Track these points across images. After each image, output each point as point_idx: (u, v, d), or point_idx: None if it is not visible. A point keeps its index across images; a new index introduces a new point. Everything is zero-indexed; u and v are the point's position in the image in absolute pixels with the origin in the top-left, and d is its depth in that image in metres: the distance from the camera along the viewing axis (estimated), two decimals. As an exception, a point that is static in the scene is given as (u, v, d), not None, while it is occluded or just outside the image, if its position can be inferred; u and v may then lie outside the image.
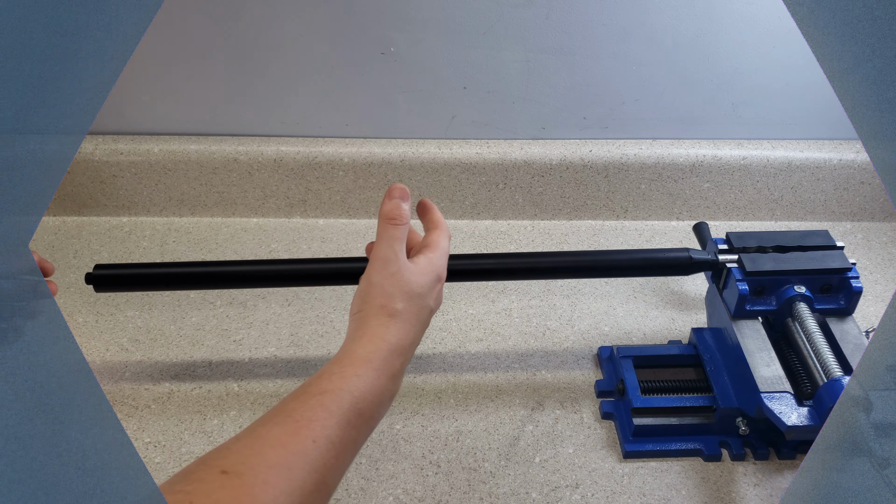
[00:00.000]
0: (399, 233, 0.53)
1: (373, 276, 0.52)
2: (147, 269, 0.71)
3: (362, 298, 0.52)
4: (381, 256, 0.52)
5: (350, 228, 0.99)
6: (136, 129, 0.97)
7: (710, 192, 0.99)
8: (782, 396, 0.63)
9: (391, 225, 0.53)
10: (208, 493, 0.38)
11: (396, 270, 0.51)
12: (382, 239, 0.53)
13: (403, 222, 0.53)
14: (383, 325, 0.50)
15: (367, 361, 0.48)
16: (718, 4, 0.86)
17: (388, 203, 0.53)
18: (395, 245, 0.52)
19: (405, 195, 0.54)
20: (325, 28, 0.88)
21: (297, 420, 0.43)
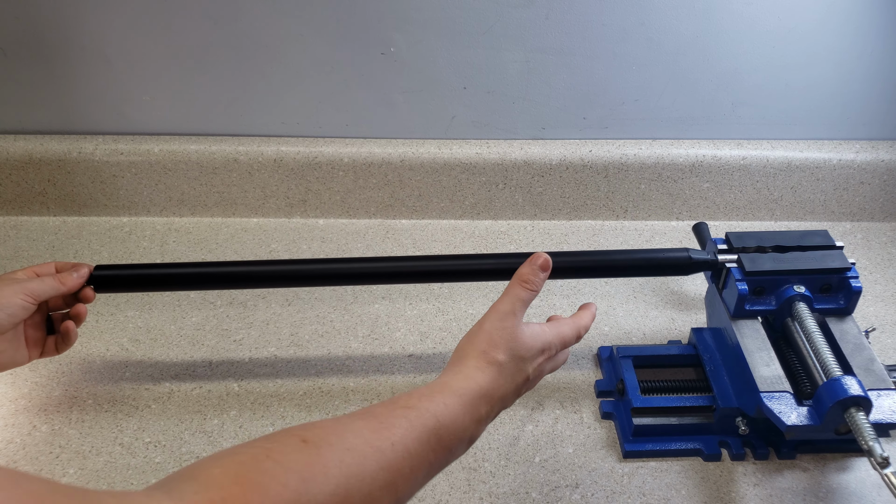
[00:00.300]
0: (526, 295, 0.55)
1: (485, 323, 0.53)
2: (147, 269, 0.71)
3: (469, 339, 0.53)
4: (500, 308, 0.54)
5: (350, 228, 0.99)
6: (136, 129, 0.97)
7: (709, 192, 0.99)
8: (782, 396, 0.63)
9: (521, 286, 0.55)
10: (286, 452, 0.40)
11: (509, 325, 0.53)
12: (508, 295, 0.55)
13: (534, 288, 0.55)
14: (480, 368, 0.51)
15: (457, 395, 0.49)
16: (718, 4, 0.86)
17: (528, 267, 0.56)
18: (518, 305, 0.54)
19: (546, 266, 0.57)
20: (325, 28, 0.88)
21: (381, 421, 0.45)
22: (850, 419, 0.58)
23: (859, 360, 0.66)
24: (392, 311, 0.86)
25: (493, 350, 0.52)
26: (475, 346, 0.52)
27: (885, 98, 0.95)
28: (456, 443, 0.48)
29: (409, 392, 0.49)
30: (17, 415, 0.72)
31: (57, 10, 0.86)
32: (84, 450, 0.69)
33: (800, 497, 0.66)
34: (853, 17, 0.87)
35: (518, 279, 0.55)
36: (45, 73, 0.91)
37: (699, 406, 0.70)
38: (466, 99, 0.94)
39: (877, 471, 0.54)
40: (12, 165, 0.96)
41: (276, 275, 0.71)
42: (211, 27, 0.88)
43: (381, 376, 0.77)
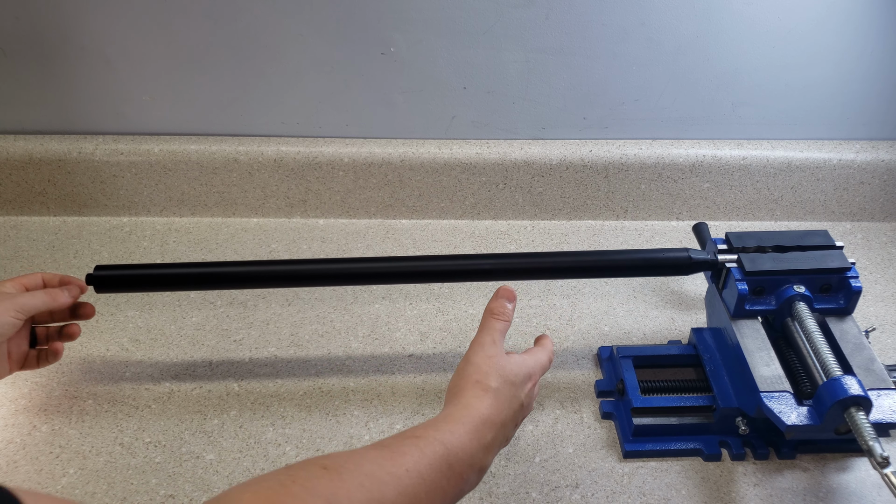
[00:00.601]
0: (501, 326, 0.58)
1: (471, 357, 0.56)
2: (147, 269, 0.71)
3: (459, 375, 0.55)
4: (482, 341, 0.57)
5: (350, 228, 0.99)
6: (136, 129, 0.97)
7: (709, 192, 0.99)
8: (782, 396, 0.63)
9: (494, 318, 0.58)
10: (310, 478, 0.42)
11: (494, 355, 0.55)
12: (484, 329, 0.58)
13: (506, 319, 0.58)
14: (477, 396, 0.53)
15: (461, 423, 0.51)
16: (718, 4, 0.86)
17: (494, 301, 0.59)
18: (496, 335, 0.57)
19: (512, 297, 0.60)
20: (325, 28, 0.88)
21: (393, 450, 0.47)
22: (850, 419, 0.58)
23: (859, 359, 0.66)
24: (392, 311, 0.86)
25: (485, 378, 0.54)
26: (468, 378, 0.54)
27: (885, 98, 0.95)
28: (467, 470, 0.49)
29: (415, 426, 0.51)
30: (17, 415, 0.72)
31: (57, 10, 0.86)
32: (84, 450, 0.69)
33: (800, 497, 0.66)
34: (853, 17, 0.87)
35: (489, 313, 0.59)
36: (45, 73, 0.91)
37: (699, 406, 0.70)
38: (466, 99, 0.94)
39: (877, 470, 0.54)
40: (12, 165, 0.96)
41: (276, 275, 0.71)
42: (211, 27, 0.88)
43: (381, 376, 0.77)
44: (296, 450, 0.69)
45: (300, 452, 0.69)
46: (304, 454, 0.69)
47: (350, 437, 0.71)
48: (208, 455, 0.69)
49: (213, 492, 0.65)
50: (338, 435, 0.71)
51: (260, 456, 0.69)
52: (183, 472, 0.67)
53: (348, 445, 0.70)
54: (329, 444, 0.70)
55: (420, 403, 0.74)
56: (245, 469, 0.68)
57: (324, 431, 0.71)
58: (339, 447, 0.70)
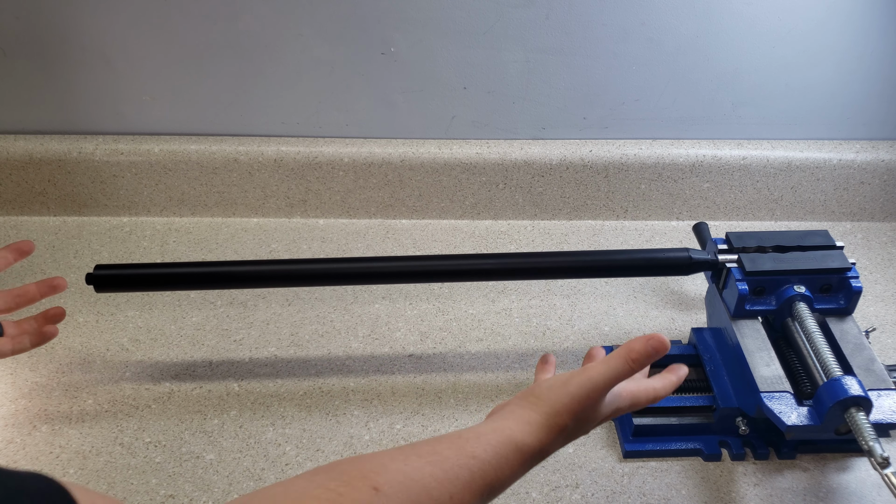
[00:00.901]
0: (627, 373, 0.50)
1: (572, 386, 0.50)
2: (147, 269, 0.71)
3: (549, 390, 0.50)
4: (595, 378, 0.50)
5: (350, 228, 0.99)
6: (136, 129, 0.97)
7: (709, 192, 0.99)
8: (782, 396, 0.63)
9: (628, 364, 0.50)
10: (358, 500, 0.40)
11: (595, 400, 0.50)
12: (609, 367, 0.50)
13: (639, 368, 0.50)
14: (548, 428, 0.49)
15: (520, 452, 0.48)
16: (718, 4, 0.86)
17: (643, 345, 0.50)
18: (611, 382, 0.50)
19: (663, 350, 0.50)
20: (325, 28, 0.88)
21: (446, 471, 0.44)
22: (850, 419, 0.58)
23: (859, 360, 0.66)
24: (392, 311, 0.86)
25: (567, 415, 0.49)
26: (552, 401, 0.50)
27: (885, 98, 0.95)
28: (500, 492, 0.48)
29: (479, 433, 0.48)
30: (17, 415, 0.72)
31: (57, 10, 0.86)
32: (84, 450, 0.69)
33: (800, 497, 0.66)
34: (853, 17, 0.87)
35: (627, 354, 0.50)
36: (45, 73, 0.91)
37: (699, 406, 0.70)
38: (466, 99, 0.94)
39: (877, 471, 0.54)
40: (12, 165, 0.96)
41: (276, 275, 0.71)
42: (211, 27, 0.88)
43: (381, 376, 0.77)
44: (296, 450, 0.69)
45: (300, 452, 0.69)
46: (304, 454, 0.69)
47: (350, 437, 0.71)
48: (208, 455, 0.69)
49: (213, 492, 0.66)
50: (338, 435, 0.71)
51: (260, 456, 0.69)
52: (183, 472, 0.67)
53: (348, 445, 0.70)
54: (329, 444, 0.70)
55: (420, 403, 0.74)
56: (245, 469, 0.68)
57: (324, 431, 0.71)
58: (339, 447, 0.70)
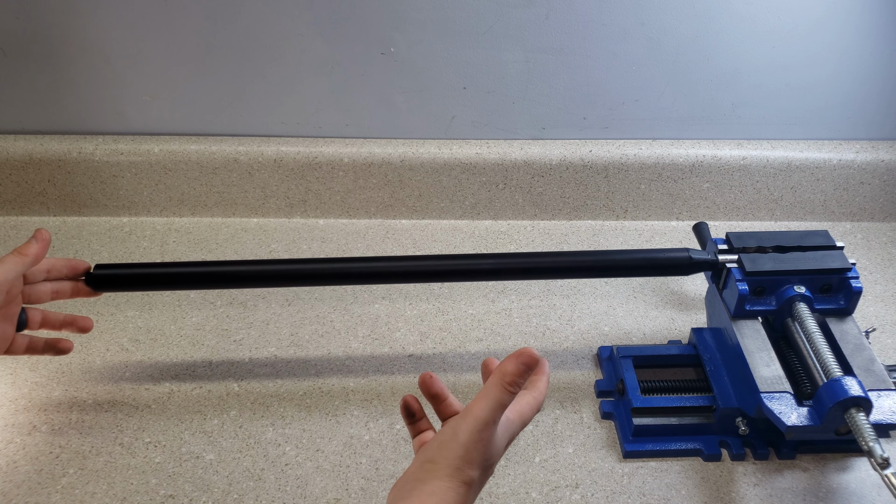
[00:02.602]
0: (507, 400, 0.47)
1: (461, 434, 0.47)
2: (147, 269, 0.71)
3: (440, 448, 0.47)
4: (479, 417, 0.47)
5: (350, 228, 0.99)
6: (136, 129, 0.97)
7: (709, 192, 0.99)
8: (782, 396, 0.63)
9: (505, 390, 0.47)
10: None
11: (486, 437, 0.47)
12: (488, 398, 0.47)
13: (517, 391, 0.47)
14: (454, 489, 0.46)
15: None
16: (718, 4, 0.86)
17: (514, 365, 0.47)
18: (498, 412, 0.47)
19: (534, 365, 0.47)
20: (325, 28, 0.88)
21: None
22: (850, 420, 0.58)
23: (859, 360, 0.66)
24: (392, 311, 0.86)
25: (468, 468, 0.46)
26: (448, 460, 0.46)
27: (885, 98, 0.95)
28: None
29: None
30: (17, 415, 0.72)
31: (57, 10, 0.86)
32: (84, 450, 0.69)
33: (800, 497, 0.66)
34: (853, 16, 0.87)
35: (501, 380, 0.47)
36: (45, 73, 0.91)
37: (699, 406, 0.70)
38: (466, 99, 0.94)
39: (877, 471, 0.54)
40: (12, 165, 0.96)
41: (276, 275, 0.71)
42: (211, 27, 0.88)
43: (381, 376, 0.77)
44: (296, 450, 0.69)
45: (300, 452, 0.69)
46: (304, 454, 0.69)
47: (350, 437, 0.71)
48: (208, 455, 0.69)
49: (213, 492, 0.66)
50: (338, 435, 0.71)
51: (260, 456, 0.69)
52: (183, 472, 0.67)
53: (348, 445, 0.70)
54: (329, 444, 0.70)
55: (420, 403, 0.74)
56: (245, 469, 0.68)
57: (324, 431, 0.71)
58: (339, 447, 0.70)
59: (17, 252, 0.60)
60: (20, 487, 0.66)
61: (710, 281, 0.75)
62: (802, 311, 0.68)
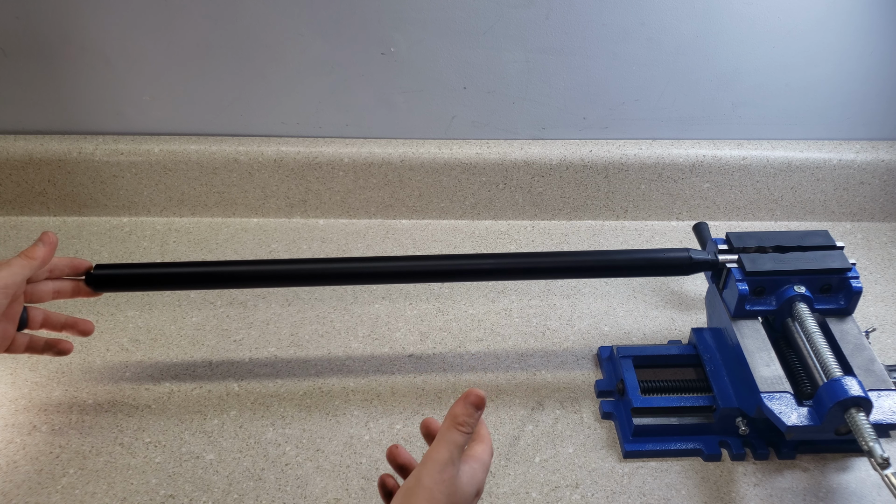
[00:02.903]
0: (462, 440, 0.50)
1: (424, 479, 0.48)
2: (147, 269, 0.71)
3: (407, 497, 0.48)
4: (438, 459, 0.49)
5: (350, 228, 0.99)
6: (136, 129, 0.97)
7: (710, 192, 0.99)
8: (782, 396, 0.63)
9: (458, 430, 0.50)
10: None
11: (448, 477, 0.48)
12: (444, 442, 0.49)
13: (469, 430, 0.50)
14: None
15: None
16: (718, 4, 0.86)
17: (461, 407, 0.50)
18: (455, 451, 0.49)
19: (481, 404, 0.51)
20: (325, 28, 0.88)
21: None
22: (850, 420, 0.58)
23: (859, 360, 0.66)
24: (392, 311, 0.86)
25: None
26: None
27: (885, 98, 0.95)
28: None
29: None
30: (17, 415, 0.72)
31: (57, 10, 0.86)
32: (84, 450, 0.69)
33: (800, 497, 0.66)
34: (853, 16, 0.87)
35: (453, 423, 0.50)
36: (45, 73, 0.91)
37: (699, 406, 0.70)
38: (466, 99, 0.94)
39: (877, 471, 0.54)
40: (12, 165, 0.96)
41: (276, 275, 0.71)
42: (211, 27, 0.88)
43: (381, 376, 0.77)
44: (296, 450, 0.69)
45: (300, 452, 0.69)
46: (304, 454, 0.69)
47: (350, 437, 0.71)
48: (208, 455, 0.69)
49: (213, 492, 0.66)
50: (338, 435, 0.71)
51: (260, 456, 0.69)
52: (183, 472, 0.67)
53: (348, 445, 0.70)
54: (329, 444, 0.70)
55: (420, 403, 0.74)
56: (245, 469, 0.68)
57: (324, 431, 0.71)
58: (339, 447, 0.70)
59: (24, 255, 0.61)
60: (20, 487, 0.66)
61: (710, 281, 0.75)
62: (802, 311, 0.68)
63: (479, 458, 0.52)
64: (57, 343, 0.67)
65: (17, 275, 0.60)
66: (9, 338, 0.62)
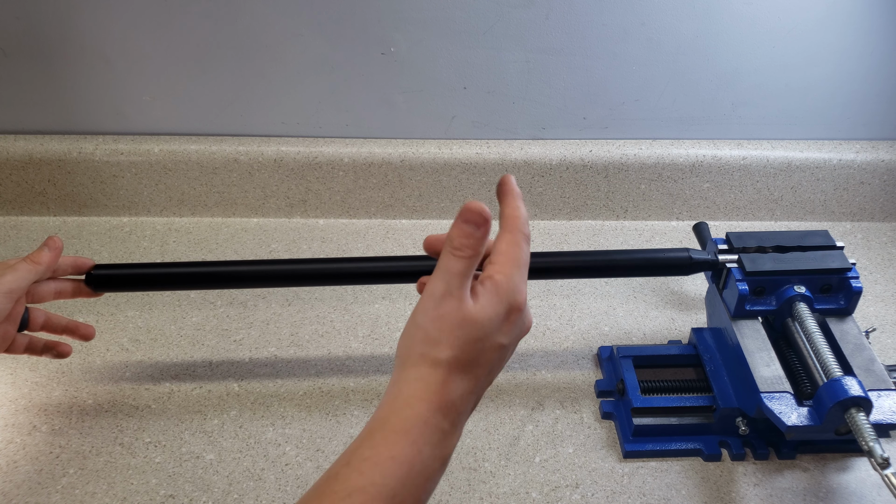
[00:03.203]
0: (461, 266, 0.42)
1: (417, 316, 0.42)
2: (147, 269, 0.71)
3: (405, 339, 0.43)
4: (431, 291, 0.42)
5: (350, 228, 0.99)
6: (136, 129, 0.97)
7: (710, 192, 0.99)
8: (782, 396, 0.63)
9: (454, 256, 0.42)
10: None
11: (447, 311, 0.41)
12: (439, 270, 0.42)
13: (470, 255, 0.42)
14: (422, 378, 0.41)
15: (404, 433, 0.40)
16: (718, 4, 0.86)
17: (457, 228, 0.42)
18: (453, 280, 0.42)
19: (480, 220, 0.42)
20: (325, 28, 0.88)
21: None
22: (850, 420, 0.58)
23: (859, 360, 0.66)
24: (392, 311, 0.86)
25: (433, 349, 0.41)
26: (413, 349, 0.42)
27: (885, 98, 0.95)
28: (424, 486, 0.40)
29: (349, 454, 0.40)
30: (17, 415, 0.72)
31: (57, 10, 0.86)
32: (84, 450, 0.69)
33: (800, 497, 0.66)
34: (853, 16, 0.87)
35: (449, 247, 0.42)
36: (45, 73, 0.91)
37: (699, 406, 0.70)
38: (466, 99, 0.94)
39: (877, 471, 0.54)
40: (12, 165, 0.96)
41: (276, 275, 0.71)
42: (211, 27, 0.88)
43: (382, 376, 0.77)
44: (296, 450, 0.69)
45: (300, 452, 0.69)
46: (304, 454, 0.69)
47: (350, 437, 0.71)
48: (208, 455, 0.69)
49: (213, 492, 0.66)
50: (338, 435, 0.71)
51: (260, 456, 0.69)
52: (183, 472, 0.67)
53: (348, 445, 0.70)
54: (329, 444, 0.70)
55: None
56: (245, 469, 0.68)
57: (324, 431, 0.71)
58: (339, 447, 0.70)
59: (30, 260, 0.61)
60: (20, 487, 0.66)
61: (710, 281, 0.75)
62: (802, 311, 0.68)
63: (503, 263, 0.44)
64: (56, 345, 0.67)
65: (23, 280, 0.60)
66: (9, 338, 0.63)
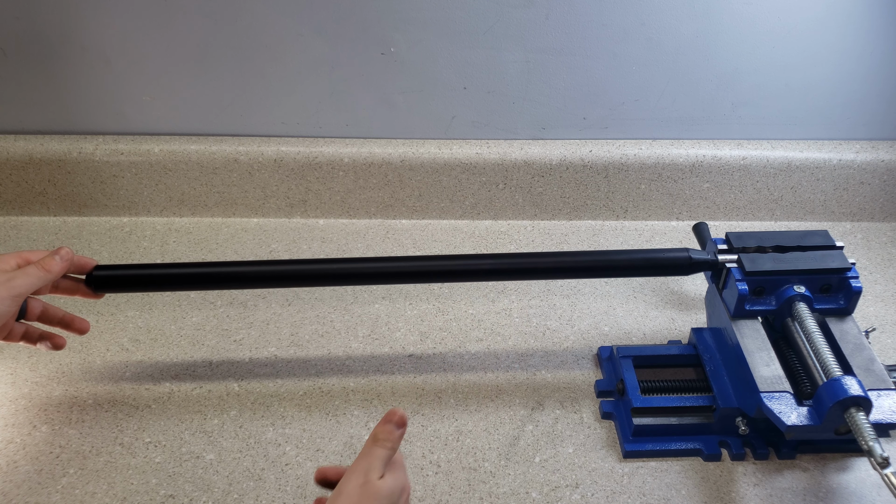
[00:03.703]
0: (382, 454, 0.53)
1: (343, 486, 0.51)
2: (147, 269, 0.71)
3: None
4: (355, 468, 0.52)
5: (350, 228, 0.99)
6: (136, 129, 0.97)
7: (709, 193, 0.99)
8: (782, 396, 0.63)
9: (377, 445, 0.53)
10: None
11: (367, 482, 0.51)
12: (363, 455, 0.53)
13: (390, 448, 0.53)
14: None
15: None
16: (718, 4, 0.86)
17: (382, 426, 0.54)
18: (374, 463, 0.52)
19: (402, 422, 0.54)
20: (325, 28, 0.88)
21: None
22: (850, 419, 0.58)
23: (859, 360, 0.66)
24: (392, 311, 0.86)
25: None
26: None
27: (885, 98, 0.95)
28: None
29: None
30: (17, 415, 0.72)
31: (57, 10, 0.86)
32: (84, 450, 0.69)
33: (800, 497, 0.66)
34: (853, 17, 0.87)
35: (372, 439, 0.53)
36: (45, 73, 0.91)
37: (699, 406, 0.70)
38: (466, 99, 0.94)
39: (877, 471, 0.54)
40: (12, 165, 0.96)
41: (276, 275, 0.71)
42: (211, 27, 0.88)
43: (381, 376, 0.77)
44: (296, 450, 0.70)
45: (300, 452, 0.69)
46: (304, 454, 0.69)
47: (350, 437, 0.71)
48: (208, 455, 0.69)
49: (213, 492, 0.66)
50: (338, 435, 0.71)
51: (260, 456, 0.69)
52: (183, 472, 0.67)
53: (348, 445, 0.70)
54: (329, 444, 0.70)
55: (420, 403, 0.75)
56: (245, 469, 0.68)
57: (324, 431, 0.71)
58: (339, 447, 0.70)
59: (40, 266, 0.63)
60: (20, 487, 0.66)
61: (710, 281, 0.75)
62: (802, 311, 0.68)
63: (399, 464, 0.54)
64: (52, 336, 0.68)
65: (33, 285, 0.62)
66: (7, 327, 0.64)
